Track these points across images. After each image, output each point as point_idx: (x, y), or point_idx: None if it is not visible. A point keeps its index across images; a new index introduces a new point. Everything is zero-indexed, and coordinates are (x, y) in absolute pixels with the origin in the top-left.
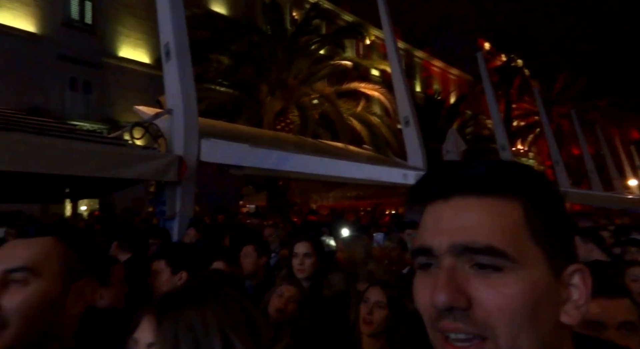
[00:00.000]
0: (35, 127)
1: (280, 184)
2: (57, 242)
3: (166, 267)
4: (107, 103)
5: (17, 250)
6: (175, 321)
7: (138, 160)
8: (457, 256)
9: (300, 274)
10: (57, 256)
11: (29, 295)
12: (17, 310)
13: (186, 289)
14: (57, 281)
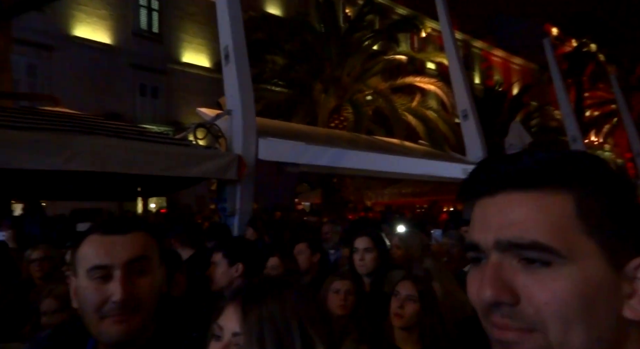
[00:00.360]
0: (112, 130)
1: (335, 182)
2: (150, 236)
3: (223, 259)
4: (173, 106)
5: (126, 244)
6: (260, 313)
7: (201, 159)
8: (503, 252)
9: (361, 270)
10: (155, 248)
11: (151, 282)
12: (145, 296)
13: (267, 281)
14: (158, 269)
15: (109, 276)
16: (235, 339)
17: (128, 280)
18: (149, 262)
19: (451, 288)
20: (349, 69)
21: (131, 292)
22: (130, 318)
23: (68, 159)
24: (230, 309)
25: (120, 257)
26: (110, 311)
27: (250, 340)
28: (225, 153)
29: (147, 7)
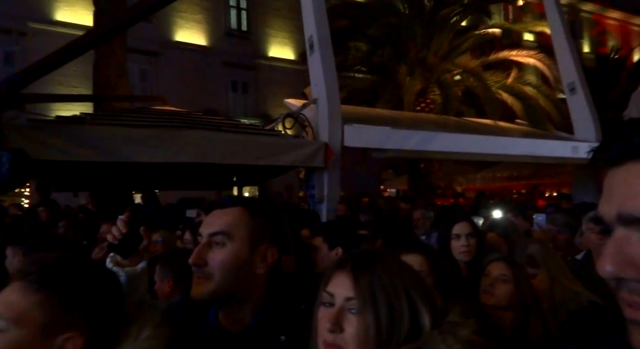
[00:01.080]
0: (211, 124)
1: (422, 167)
2: (245, 212)
3: (323, 243)
4: (261, 100)
5: (216, 218)
6: (371, 280)
7: (290, 148)
8: (627, 226)
9: (464, 256)
10: (245, 223)
11: (226, 255)
12: (218, 266)
13: (372, 253)
14: (245, 244)
15: (200, 242)
16: (349, 303)
17: (204, 248)
18: (230, 237)
19: (560, 276)
20: (435, 49)
21: (202, 259)
22: (203, 283)
23: (176, 152)
24: (340, 276)
25: (207, 228)
26: (193, 272)
27: (365, 304)
28: (312, 141)
29: (237, 7)
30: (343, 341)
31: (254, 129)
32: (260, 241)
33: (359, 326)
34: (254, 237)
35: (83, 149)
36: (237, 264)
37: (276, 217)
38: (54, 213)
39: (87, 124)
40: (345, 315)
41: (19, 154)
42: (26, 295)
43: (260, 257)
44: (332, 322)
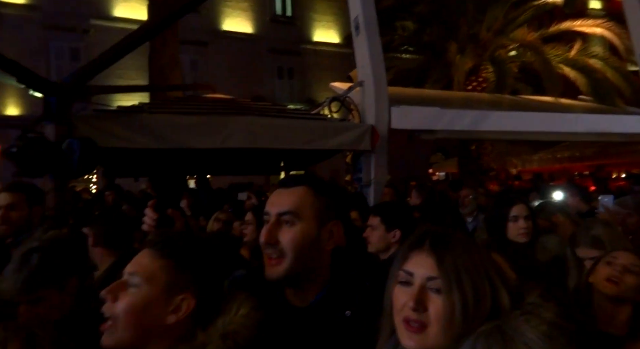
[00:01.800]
0: (259, 110)
1: (473, 149)
2: (310, 190)
3: (381, 224)
4: (307, 85)
5: (282, 197)
6: (455, 259)
7: (336, 132)
8: None
9: (522, 238)
10: (311, 202)
11: (297, 233)
12: (289, 244)
13: (447, 232)
14: (313, 221)
15: (267, 221)
16: (430, 283)
17: (274, 227)
18: (298, 216)
19: None
20: (488, 24)
21: (273, 238)
22: (276, 262)
23: (226, 138)
24: (420, 256)
25: (274, 208)
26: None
27: (450, 284)
28: (359, 124)
29: None
30: (427, 319)
31: (300, 114)
32: (327, 218)
33: (444, 306)
34: (321, 214)
35: (142, 137)
36: (308, 242)
37: (339, 195)
38: (118, 197)
39: (144, 113)
40: (427, 294)
41: (88, 143)
42: (154, 260)
43: (328, 234)
44: (415, 300)
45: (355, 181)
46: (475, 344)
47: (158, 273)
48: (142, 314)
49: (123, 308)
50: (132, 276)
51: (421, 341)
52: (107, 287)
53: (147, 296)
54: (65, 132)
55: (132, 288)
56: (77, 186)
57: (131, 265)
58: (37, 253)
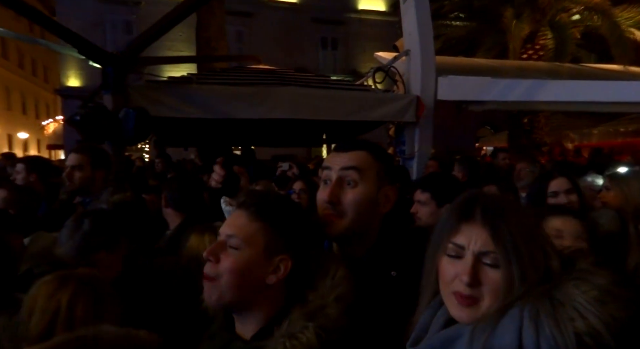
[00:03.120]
0: (302, 81)
1: (526, 122)
2: (369, 154)
3: (431, 200)
4: (351, 55)
5: (342, 157)
6: (510, 231)
7: (380, 103)
8: None
9: None
10: (371, 165)
11: (358, 193)
12: (351, 204)
13: (497, 199)
14: (373, 184)
15: (329, 179)
16: (485, 257)
17: (336, 187)
18: (359, 174)
19: None
20: None
21: (336, 197)
22: (336, 220)
23: (270, 109)
24: (472, 228)
25: (337, 164)
26: (320, 210)
27: (508, 256)
28: (403, 95)
29: None
30: (479, 294)
31: (343, 85)
32: (384, 182)
33: (501, 280)
34: (379, 178)
35: (190, 107)
36: (367, 204)
37: (392, 162)
38: (167, 165)
39: (193, 84)
40: (481, 268)
41: (141, 112)
42: (251, 223)
43: (385, 198)
44: (470, 276)
45: (398, 154)
46: (524, 309)
47: (256, 236)
48: (245, 275)
49: (226, 269)
50: (231, 237)
51: (473, 313)
52: (208, 248)
53: (248, 257)
54: (121, 101)
55: (233, 249)
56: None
57: (228, 227)
58: (87, 218)
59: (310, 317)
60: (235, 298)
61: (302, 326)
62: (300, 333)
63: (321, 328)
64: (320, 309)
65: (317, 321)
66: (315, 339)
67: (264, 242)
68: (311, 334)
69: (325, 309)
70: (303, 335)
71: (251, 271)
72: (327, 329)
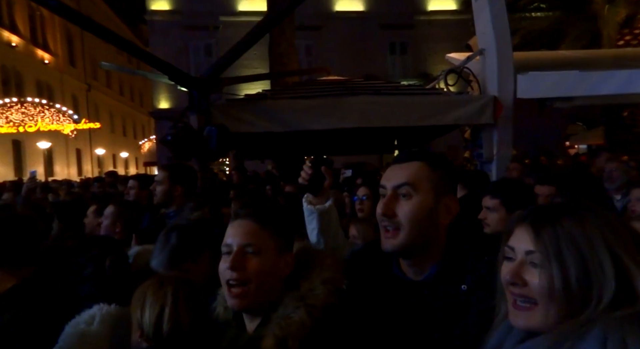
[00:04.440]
0: (372, 89)
1: (626, 115)
2: (425, 164)
3: (501, 206)
4: (420, 59)
5: (397, 172)
6: (555, 232)
7: (454, 106)
8: None
9: None
10: (426, 175)
11: (413, 205)
12: (406, 217)
13: (561, 205)
14: (429, 195)
15: (384, 195)
16: (529, 257)
17: (391, 200)
18: (413, 188)
19: None
20: None
21: (391, 210)
22: (393, 234)
23: (341, 119)
24: (521, 230)
25: (390, 182)
26: (379, 224)
27: (547, 257)
28: (478, 96)
29: None
30: (531, 293)
31: (414, 90)
32: (444, 192)
33: (542, 280)
34: (437, 188)
35: (265, 121)
36: (424, 215)
37: (454, 171)
38: (243, 176)
39: (268, 99)
40: (526, 268)
41: (223, 129)
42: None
43: (445, 208)
44: (511, 275)
45: (475, 158)
46: (606, 331)
47: (268, 241)
48: (269, 276)
49: (255, 273)
50: (248, 246)
51: (528, 319)
52: (230, 260)
53: (268, 261)
54: (204, 120)
55: (252, 255)
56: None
57: (241, 237)
58: (175, 233)
59: (300, 299)
60: (262, 297)
61: (294, 306)
62: (293, 313)
63: (312, 306)
64: (309, 291)
65: (307, 300)
66: (307, 316)
67: (275, 245)
68: (303, 312)
69: (314, 290)
70: (295, 314)
71: (272, 272)
72: (316, 307)
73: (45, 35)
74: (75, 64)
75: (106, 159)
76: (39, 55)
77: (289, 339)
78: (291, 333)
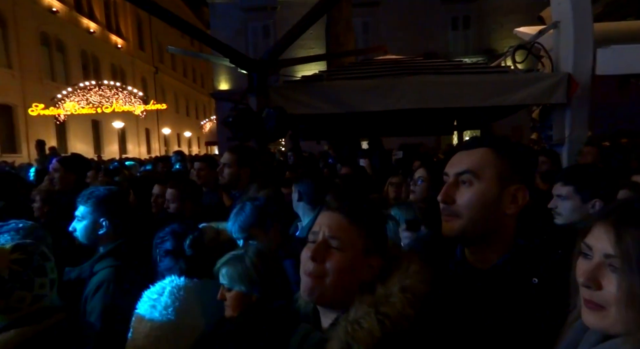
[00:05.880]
0: (431, 68)
1: None
2: (491, 151)
3: (575, 194)
4: (485, 34)
5: (462, 158)
6: (639, 237)
7: (521, 85)
8: None
9: None
10: (492, 163)
11: (474, 193)
12: (466, 204)
13: None
14: (493, 183)
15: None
16: (609, 260)
17: (451, 187)
18: (474, 175)
19: None
20: None
21: (450, 197)
22: (451, 220)
23: (398, 99)
24: (601, 229)
25: (453, 168)
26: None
27: (630, 264)
28: (550, 74)
29: None
30: (602, 300)
31: (477, 68)
32: (510, 181)
33: (620, 288)
34: (503, 176)
35: (322, 103)
36: (486, 203)
37: (527, 159)
38: (298, 157)
39: (324, 81)
40: (603, 272)
41: (280, 111)
42: (348, 227)
43: (510, 198)
44: (586, 276)
45: (544, 140)
46: None
47: (355, 240)
48: (347, 275)
49: (332, 269)
50: (333, 239)
51: (599, 320)
52: (312, 248)
53: (351, 259)
54: (263, 102)
55: (336, 250)
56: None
57: (329, 228)
58: (249, 203)
59: (373, 304)
60: (338, 296)
61: (364, 312)
62: (362, 318)
63: (384, 315)
64: (385, 298)
65: (380, 308)
66: (377, 325)
67: (362, 245)
68: (373, 320)
69: (390, 298)
70: (365, 321)
71: (353, 272)
72: (389, 316)
73: (118, 21)
74: (144, 48)
75: (171, 138)
76: (113, 40)
77: (353, 347)
78: (357, 340)
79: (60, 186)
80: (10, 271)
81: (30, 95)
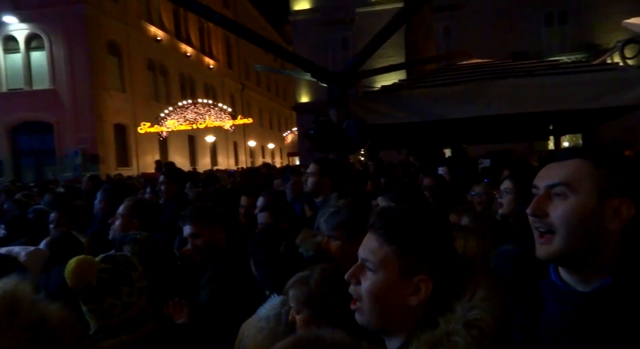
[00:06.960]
0: (522, 70)
1: None
2: (587, 163)
3: None
4: (585, 28)
5: (553, 170)
6: None
7: (633, 83)
8: None
9: None
10: (588, 174)
11: (569, 206)
12: (560, 217)
13: None
14: (592, 196)
15: (536, 194)
16: None
17: (543, 200)
18: (569, 188)
19: None
20: None
21: (541, 210)
22: (546, 239)
23: (485, 105)
24: None
25: (543, 181)
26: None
27: None
28: None
29: None
30: None
31: (576, 67)
32: (611, 194)
33: None
34: (603, 189)
35: (403, 113)
36: (584, 218)
37: (631, 170)
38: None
39: (404, 90)
40: None
41: (360, 122)
42: (381, 246)
43: (612, 212)
44: None
45: None
46: None
47: (389, 259)
48: (384, 298)
49: (366, 291)
50: (367, 261)
51: None
52: (350, 270)
53: (385, 280)
54: (343, 114)
55: (369, 271)
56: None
57: (362, 249)
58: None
59: (433, 346)
60: (379, 320)
61: None
62: None
63: None
64: (446, 336)
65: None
66: None
67: (399, 264)
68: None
69: (452, 336)
70: None
71: (390, 294)
72: None
73: (211, 44)
74: (233, 67)
75: (256, 150)
76: (206, 62)
77: None
78: None
79: (166, 196)
80: (99, 279)
81: (139, 115)
